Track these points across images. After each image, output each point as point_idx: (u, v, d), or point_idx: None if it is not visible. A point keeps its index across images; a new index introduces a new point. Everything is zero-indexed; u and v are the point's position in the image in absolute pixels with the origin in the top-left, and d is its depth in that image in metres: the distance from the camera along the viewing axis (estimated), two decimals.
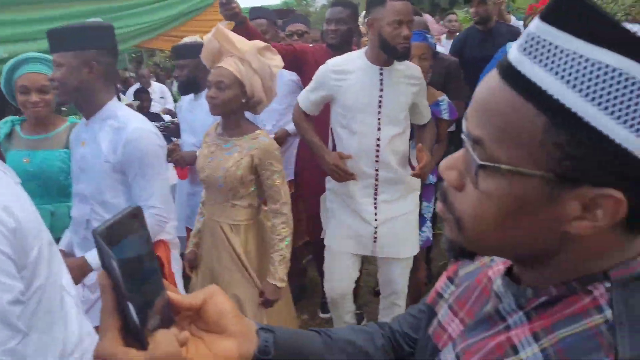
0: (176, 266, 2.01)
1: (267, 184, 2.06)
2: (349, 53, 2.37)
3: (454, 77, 3.23)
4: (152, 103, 6.18)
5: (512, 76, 0.48)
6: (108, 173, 1.78)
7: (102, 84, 1.79)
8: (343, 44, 2.83)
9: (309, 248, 3.37)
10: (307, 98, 2.38)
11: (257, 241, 2.15)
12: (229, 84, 2.00)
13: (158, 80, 7.66)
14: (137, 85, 6.76)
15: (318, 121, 2.46)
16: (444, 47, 4.77)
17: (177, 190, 2.82)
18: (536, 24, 0.47)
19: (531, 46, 0.47)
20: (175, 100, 6.20)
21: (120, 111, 1.81)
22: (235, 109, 2.07)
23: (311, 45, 3.38)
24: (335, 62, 2.30)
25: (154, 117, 5.28)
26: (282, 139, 3.06)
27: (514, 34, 3.80)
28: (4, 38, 3.10)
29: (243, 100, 2.06)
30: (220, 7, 2.57)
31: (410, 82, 2.27)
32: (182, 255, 2.19)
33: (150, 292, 0.53)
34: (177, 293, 0.59)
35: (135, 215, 0.52)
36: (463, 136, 0.53)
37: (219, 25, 2.09)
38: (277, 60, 2.12)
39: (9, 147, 2.20)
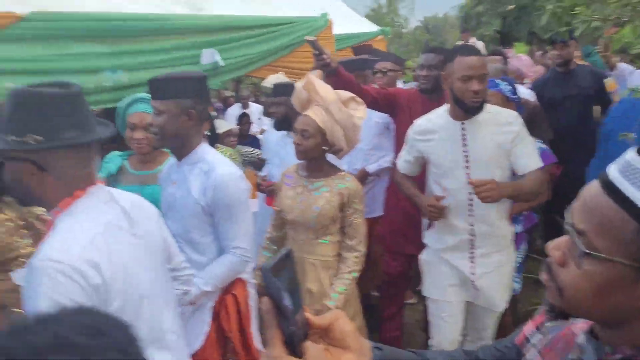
0: (252, 303, 2.08)
1: (348, 221, 2.18)
2: (435, 110, 2.39)
3: (537, 121, 3.17)
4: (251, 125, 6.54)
5: (612, 190, 0.66)
6: (198, 214, 1.88)
7: (196, 129, 1.91)
8: (435, 89, 2.90)
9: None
10: (403, 160, 2.46)
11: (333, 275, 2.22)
12: (313, 133, 2.13)
13: (256, 102, 8.05)
14: (237, 106, 7.19)
15: (415, 179, 2.50)
16: None
17: (258, 218, 2.97)
18: (631, 155, 0.66)
19: (628, 171, 0.66)
20: None
21: (208, 155, 1.94)
22: (318, 155, 2.20)
23: (404, 88, 3.42)
24: (418, 124, 2.36)
25: (253, 142, 5.55)
26: (362, 178, 3.13)
27: (595, 75, 3.89)
28: (128, 66, 3.49)
29: (324, 148, 2.18)
30: (314, 58, 2.65)
31: (500, 130, 2.20)
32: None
33: (296, 310, 0.68)
34: (309, 313, 0.75)
35: (288, 255, 0.70)
36: (567, 226, 0.70)
37: (309, 75, 2.21)
38: (361, 112, 2.21)
39: (118, 182, 2.31)
